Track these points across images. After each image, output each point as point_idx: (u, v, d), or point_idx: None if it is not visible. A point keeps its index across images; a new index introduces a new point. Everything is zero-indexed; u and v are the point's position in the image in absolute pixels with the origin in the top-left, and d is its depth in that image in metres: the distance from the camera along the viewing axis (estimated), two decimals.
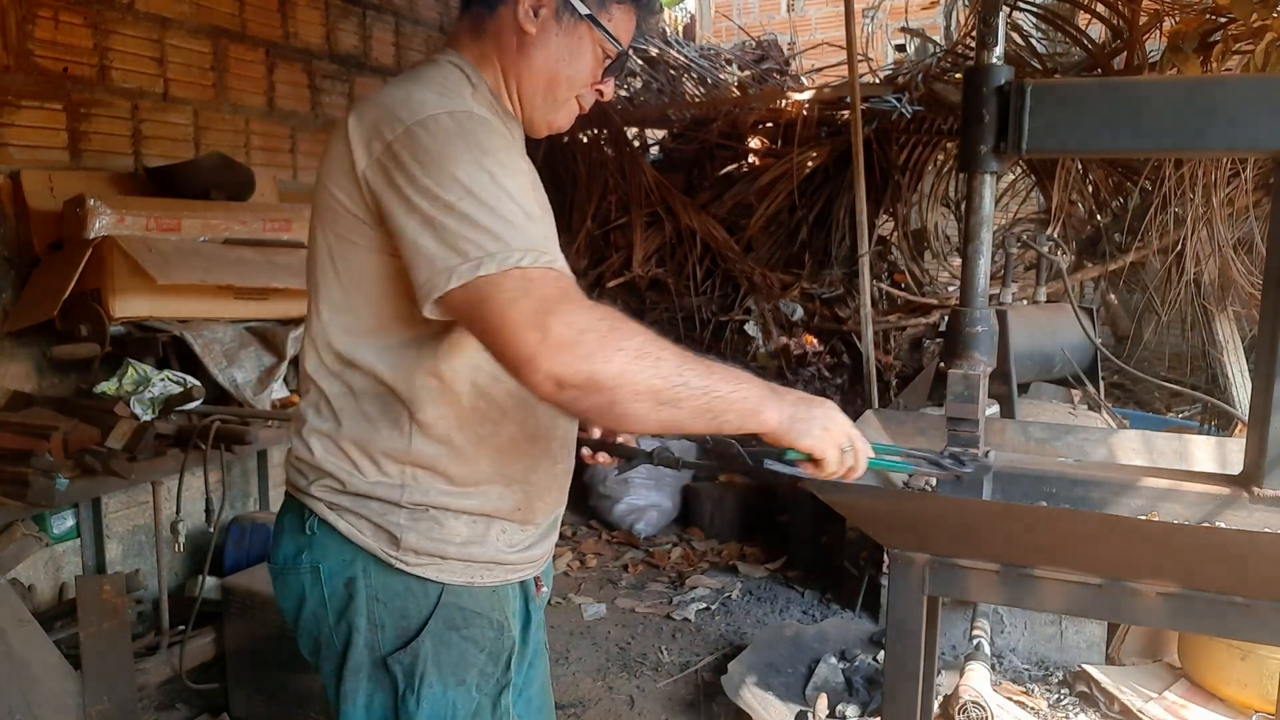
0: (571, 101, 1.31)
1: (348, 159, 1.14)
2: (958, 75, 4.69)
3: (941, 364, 1.49)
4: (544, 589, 1.46)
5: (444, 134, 1.10)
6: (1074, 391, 3.63)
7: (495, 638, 1.30)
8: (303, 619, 1.30)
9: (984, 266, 1.39)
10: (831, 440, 1.17)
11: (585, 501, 4.72)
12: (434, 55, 1.29)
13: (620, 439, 1.41)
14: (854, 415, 1.34)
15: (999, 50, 1.34)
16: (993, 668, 2.88)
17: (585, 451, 1.41)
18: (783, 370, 4.91)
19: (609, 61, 1.29)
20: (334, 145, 1.18)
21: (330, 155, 1.18)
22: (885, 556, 3.03)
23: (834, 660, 3.06)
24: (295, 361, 3.05)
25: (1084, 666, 2.95)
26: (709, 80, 5.92)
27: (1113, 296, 4.88)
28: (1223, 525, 1.42)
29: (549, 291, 1.03)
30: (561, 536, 4.52)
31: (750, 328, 5.05)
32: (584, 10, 1.24)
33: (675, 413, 1.07)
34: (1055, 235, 4.07)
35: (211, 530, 2.86)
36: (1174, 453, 1.65)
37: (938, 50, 5.41)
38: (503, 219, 1.05)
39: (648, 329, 1.09)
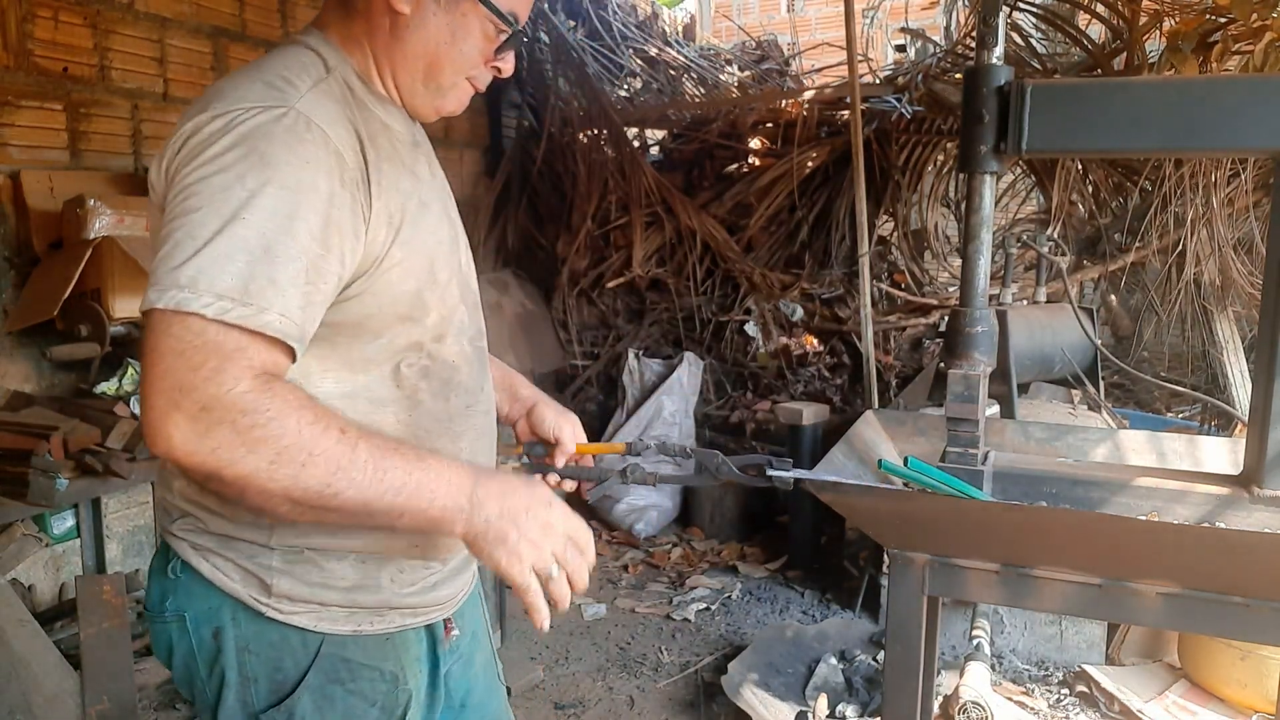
0: (461, 84, 1.17)
1: (165, 154, 1.04)
2: (958, 75, 4.69)
3: (941, 364, 1.49)
4: (454, 631, 1.30)
5: (238, 134, 0.97)
6: (1074, 391, 3.63)
7: (388, 690, 1.16)
8: (175, 669, 1.17)
9: (984, 266, 1.39)
10: (529, 560, 1.01)
11: (585, 501, 4.71)
12: (294, 36, 1.16)
13: (583, 461, 1.39)
14: (854, 415, 1.32)
15: (999, 50, 1.34)
16: (993, 668, 2.88)
17: (551, 478, 1.37)
18: (783, 370, 4.91)
19: (503, 37, 1.14)
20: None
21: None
22: (885, 556, 3.03)
23: (834, 660, 3.06)
24: None
25: (1084, 666, 2.95)
26: (709, 80, 5.91)
27: (1113, 297, 4.88)
28: (1223, 525, 1.42)
29: (208, 358, 0.90)
30: None
31: (750, 328, 5.05)
32: None
33: (327, 515, 0.96)
34: (1055, 235, 4.07)
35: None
36: (1174, 453, 1.65)
37: (938, 50, 5.40)
38: (222, 250, 0.91)
39: (319, 414, 0.94)
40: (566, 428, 1.41)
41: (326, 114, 1.04)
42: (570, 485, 1.37)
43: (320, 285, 0.98)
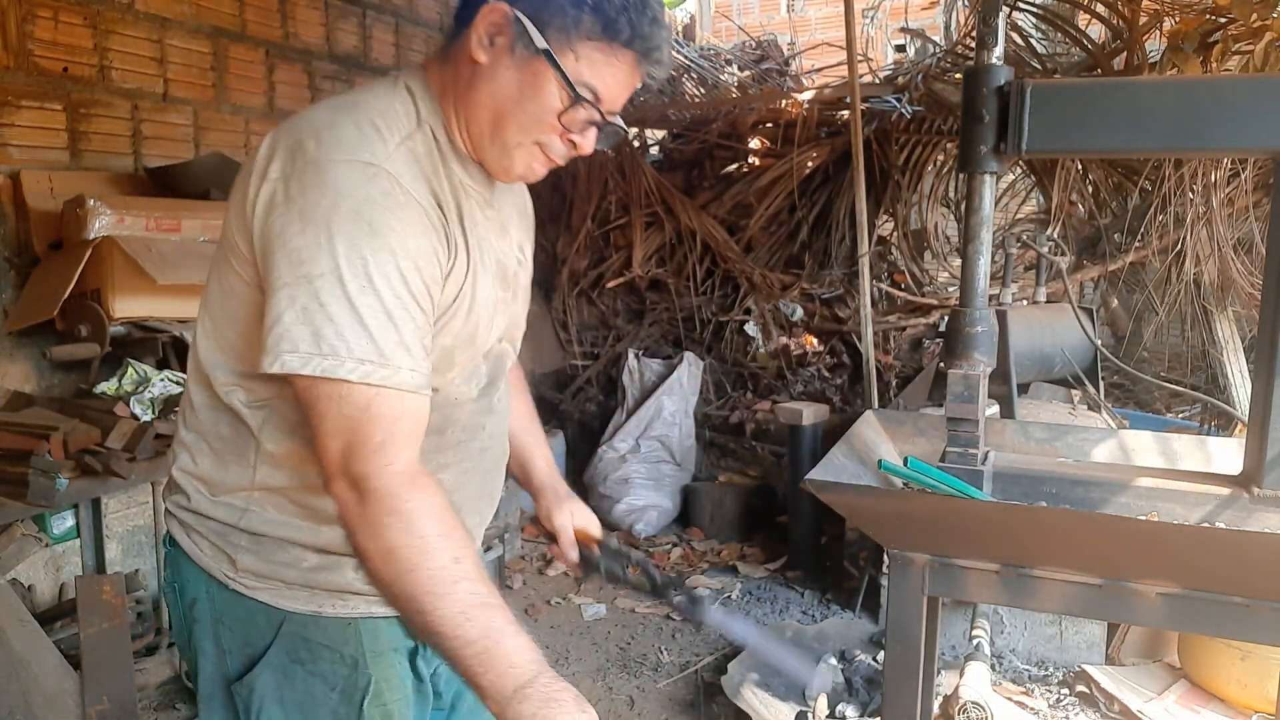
0: (529, 148, 1.13)
1: (248, 181, 1.07)
2: (958, 75, 4.69)
3: (941, 364, 1.49)
4: None
5: (337, 191, 1.00)
6: (1074, 391, 3.63)
7: (348, 675, 1.18)
8: (176, 636, 1.27)
9: (984, 266, 1.39)
10: None
11: (585, 502, 4.71)
12: (399, 72, 1.17)
13: (584, 551, 1.43)
14: (854, 415, 1.33)
15: (999, 50, 1.34)
16: (993, 668, 2.88)
17: (554, 547, 1.45)
18: (783, 370, 4.91)
19: (580, 111, 1.10)
20: (248, 161, 1.10)
21: (242, 170, 1.10)
22: (885, 556, 3.03)
23: (834, 660, 3.06)
24: None
25: (1084, 666, 2.95)
26: (709, 80, 5.92)
27: (1113, 297, 4.88)
28: (1223, 525, 1.42)
29: (380, 434, 1.00)
30: None
31: (750, 328, 5.05)
32: (540, 44, 1.06)
33: (404, 614, 1.03)
34: (1055, 235, 4.07)
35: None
36: (1174, 453, 1.65)
37: (938, 50, 5.41)
38: (355, 319, 0.99)
39: (446, 531, 1.01)
40: (560, 520, 1.46)
41: (410, 174, 1.07)
42: (573, 559, 1.43)
43: (428, 334, 1.07)
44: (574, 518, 1.46)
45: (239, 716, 1.18)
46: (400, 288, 1.01)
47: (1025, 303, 4.08)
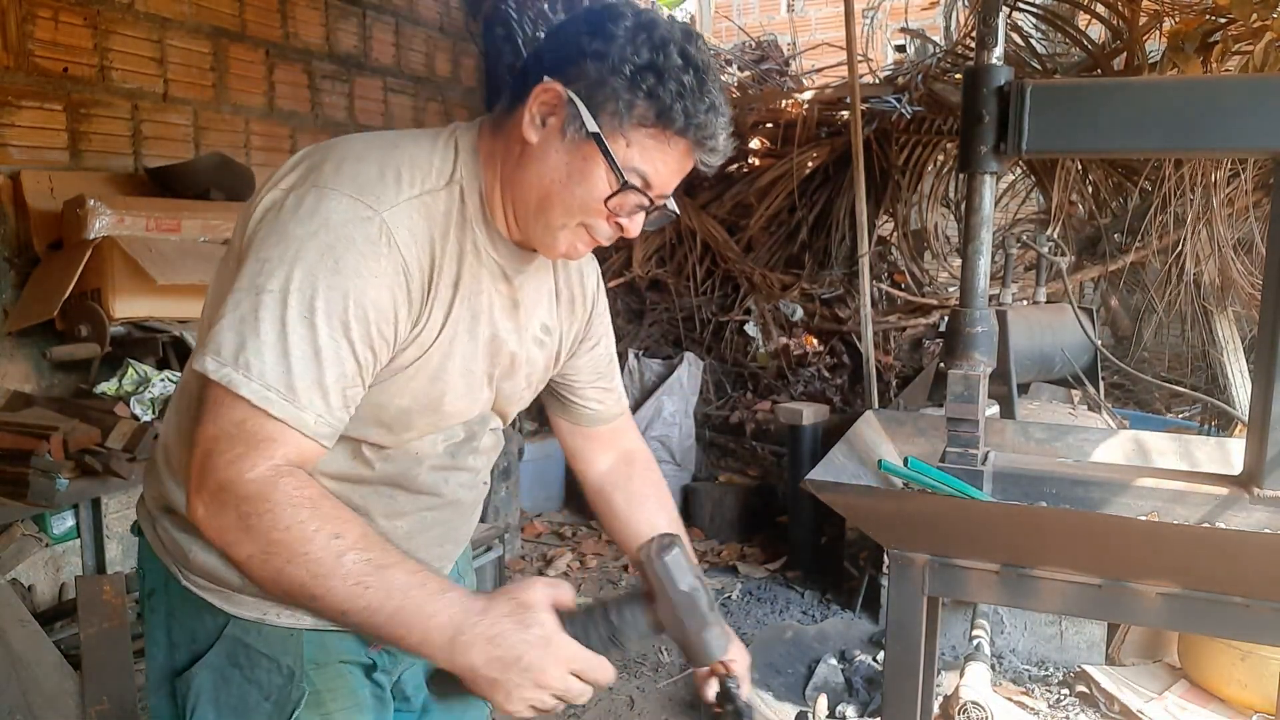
0: (573, 228, 1.11)
1: (265, 183, 1.07)
2: (958, 75, 4.69)
3: (941, 364, 1.49)
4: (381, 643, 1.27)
5: (323, 220, 1.00)
6: (1074, 392, 3.63)
7: (282, 685, 1.16)
8: (142, 625, 1.28)
9: (984, 266, 1.39)
10: (525, 703, 0.96)
11: (585, 502, 4.72)
12: (456, 126, 1.16)
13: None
14: (854, 415, 1.32)
15: (999, 50, 1.34)
16: (993, 668, 2.88)
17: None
18: (783, 370, 4.91)
19: (629, 196, 1.08)
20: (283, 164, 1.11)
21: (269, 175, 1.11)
22: (885, 556, 3.04)
23: (834, 660, 3.07)
24: None
25: (1084, 667, 2.95)
26: None
27: (1113, 297, 4.88)
28: (1223, 525, 1.42)
29: (236, 445, 0.95)
30: (561, 537, 4.52)
31: (750, 328, 5.05)
32: (592, 127, 1.04)
33: (310, 611, 0.98)
34: (1055, 235, 4.07)
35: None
36: (1174, 453, 1.65)
37: (938, 50, 5.41)
38: (279, 344, 0.96)
39: (319, 514, 0.95)
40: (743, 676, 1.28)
41: (410, 229, 1.05)
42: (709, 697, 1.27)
43: (359, 387, 1.03)
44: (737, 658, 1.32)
45: (179, 709, 1.19)
46: (339, 332, 0.99)
47: (1025, 303, 4.08)
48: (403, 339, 1.07)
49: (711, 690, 1.25)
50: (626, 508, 1.45)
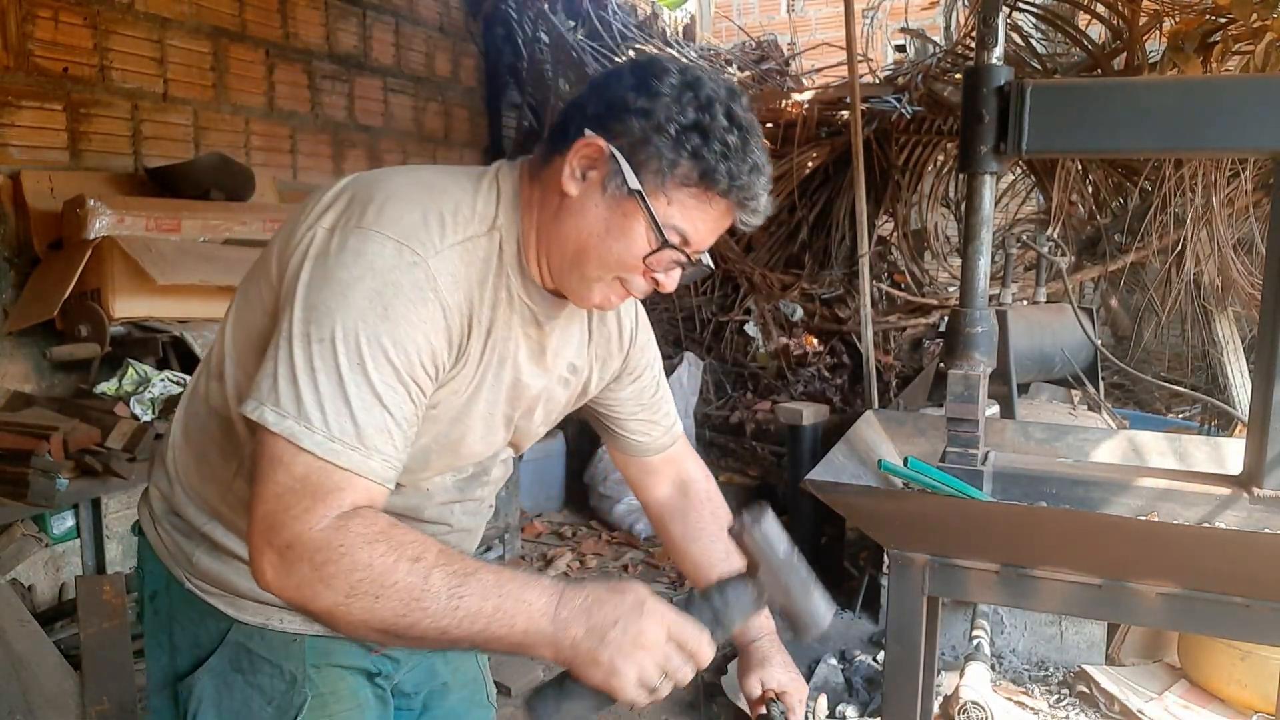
0: (609, 282, 1.11)
1: (304, 217, 1.06)
2: (958, 75, 4.69)
3: (941, 364, 1.49)
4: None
5: (369, 265, 0.98)
6: (1074, 391, 3.63)
7: (285, 690, 1.16)
8: (142, 625, 1.27)
9: (984, 266, 1.39)
10: (630, 678, 0.93)
11: (585, 502, 4.72)
12: (501, 165, 1.15)
13: None
14: (854, 415, 1.31)
15: (999, 50, 1.34)
16: (993, 668, 2.88)
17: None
18: (783, 370, 4.91)
19: (669, 253, 1.07)
20: (313, 196, 1.10)
21: (304, 204, 1.10)
22: (885, 556, 3.04)
23: (834, 660, 3.07)
24: None
25: (1084, 666, 2.95)
26: None
27: (1113, 297, 4.88)
28: (1223, 525, 1.42)
29: (302, 499, 0.93)
30: (561, 537, 4.52)
31: (750, 328, 5.05)
32: (634, 184, 1.04)
33: (411, 640, 0.95)
34: (1055, 235, 4.07)
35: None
36: (1174, 453, 1.65)
37: (938, 50, 5.41)
38: (339, 394, 0.95)
39: (394, 545, 0.93)
40: (749, 687, 1.36)
41: (452, 275, 1.04)
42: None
43: (411, 430, 1.03)
44: (764, 684, 1.36)
45: (181, 713, 1.19)
46: (391, 377, 0.98)
47: (1025, 303, 4.08)
48: (443, 374, 1.07)
49: (759, 713, 1.27)
50: (683, 541, 1.46)
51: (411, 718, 1.37)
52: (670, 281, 1.12)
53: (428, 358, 1.02)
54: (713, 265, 1.18)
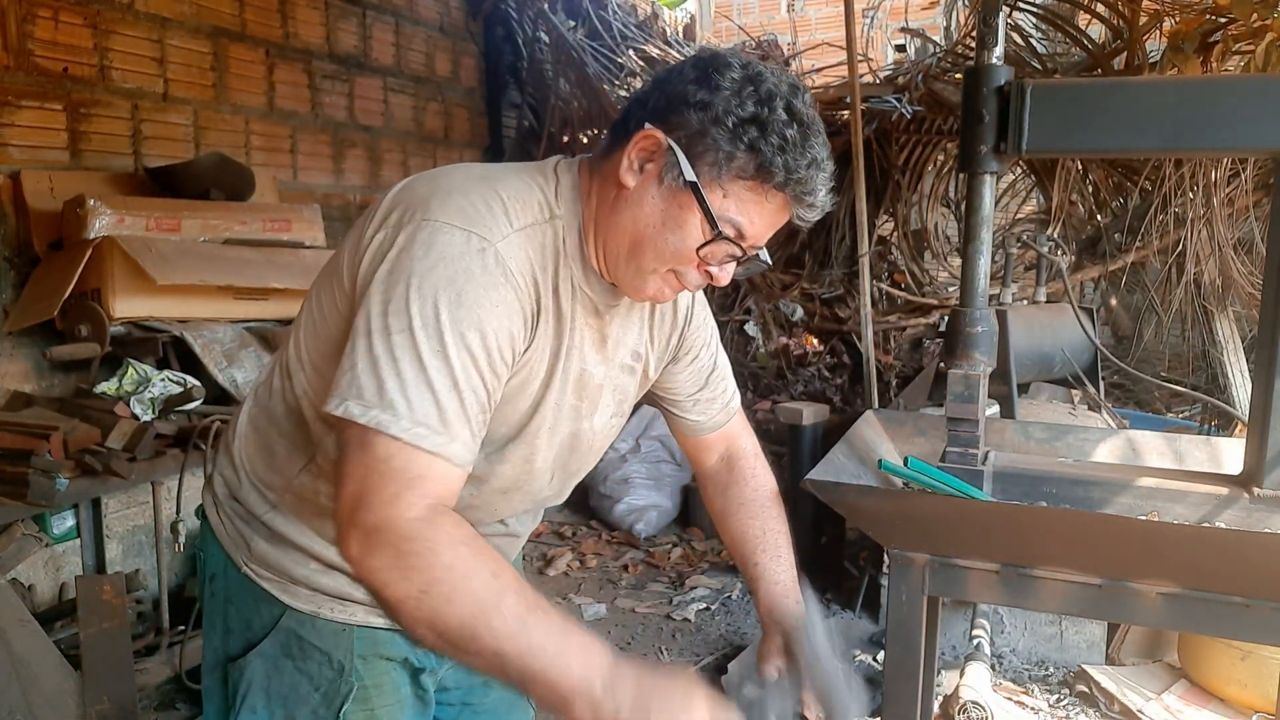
0: (664, 275, 1.12)
1: (369, 221, 1.08)
2: (958, 75, 4.69)
3: (941, 364, 1.49)
4: None
5: (440, 254, 1.00)
6: (1074, 391, 3.63)
7: (333, 679, 1.19)
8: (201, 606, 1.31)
9: (984, 266, 1.39)
10: None
11: (585, 501, 4.72)
12: (557, 160, 1.17)
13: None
14: (854, 415, 1.31)
15: (999, 50, 1.34)
16: (993, 668, 2.88)
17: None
18: (783, 370, 4.91)
19: (722, 246, 1.08)
20: (374, 202, 1.12)
21: (368, 211, 1.12)
22: (885, 556, 3.03)
23: None
24: None
25: (1084, 666, 2.95)
26: None
27: (1113, 297, 4.88)
28: (1223, 525, 1.42)
29: (391, 483, 0.95)
30: (561, 537, 4.52)
31: (750, 328, 5.05)
32: (690, 176, 1.05)
33: (466, 656, 0.97)
34: (1055, 235, 4.07)
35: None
36: (1174, 453, 1.65)
37: (938, 50, 5.40)
38: (422, 380, 0.97)
39: (477, 552, 0.96)
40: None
41: (520, 260, 1.06)
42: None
43: (488, 415, 1.05)
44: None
45: (225, 698, 1.22)
46: (468, 362, 1.00)
47: (1025, 303, 4.08)
48: (512, 368, 1.08)
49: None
50: (723, 514, 1.48)
51: (452, 714, 1.38)
52: (724, 275, 1.12)
53: (505, 341, 1.04)
54: (769, 261, 1.18)
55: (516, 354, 1.07)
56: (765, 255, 1.16)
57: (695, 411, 1.43)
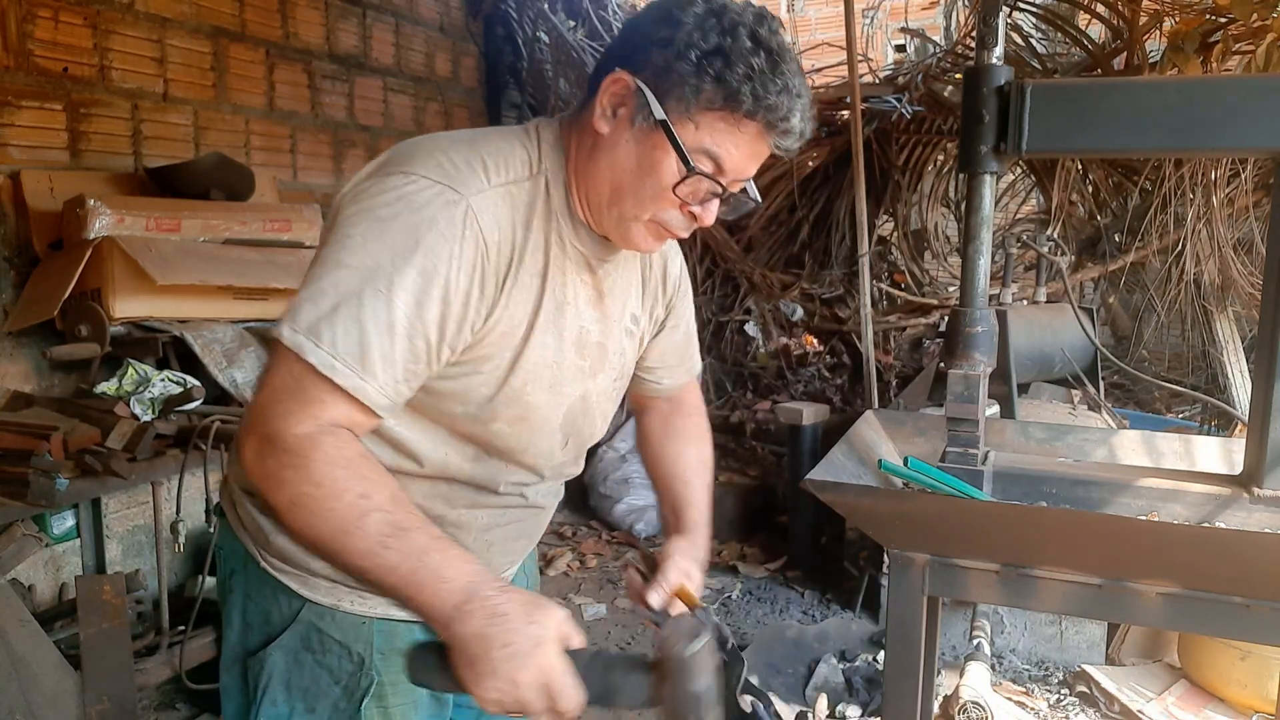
0: (647, 222, 1.11)
1: (356, 176, 1.11)
2: (958, 75, 4.69)
3: (941, 364, 1.49)
4: None
5: (408, 203, 1.01)
6: (1074, 391, 3.63)
7: (353, 672, 1.19)
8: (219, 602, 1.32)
9: (984, 266, 1.39)
10: (492, 694, 0.93)
11: (585, 501, 4.72)
12: (538, 121, 1.17)
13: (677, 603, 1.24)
14: (854, 415, 1.31)
15: (999, 50, 1.34)
16: (993, 668, 2.88)
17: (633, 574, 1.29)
18: (783, 370, 4.91)
19: (682, 179, 1.06)
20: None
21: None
22: (885, 556, 3.04)
23: (834, 660, 3.06)
24: None
25: (1084, 666, 2.95)
26: None
27: (1113, 297, 4.88)
28: (1223, 525, 1.42)
29: (291, 401, 0.98)
30: (561, 537, 4.52)
31: (750, 328, 5.05)
32: (659, 114, 1.03)
33: (340, 567, 1.01)
34: (1055, 235, 4.07)
35: (211, 530, 2.86)
36: (1174, 453, 1.65)
37: (938, 50, 5.40)
38: (355, 316, 0.98)
39: (352, 474, 0.97)
40: (675, 570, 1.27)
41: (494, 215, 1.06)
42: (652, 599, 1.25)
43: (424, 365, 1.04)
44: (689, 576, 1.29)
45: (245, 693, 1.22)
46: (411, 309, 1.00)
47: (1025, 303, 4.08)
48: (477, 325, 1.07)
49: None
50: (661, 436, 1.46)
51: (472, 716, 1.38)
52: (708, 214, 1.11)
53: (457, 295, 1.03)
54: (759, 199, 1.17)
55: (473, 309, 1.06)
56: (754, 192, 1.15)
57: (663, 377, 1.44)
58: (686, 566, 1.28)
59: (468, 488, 1.19)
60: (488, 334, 1.09)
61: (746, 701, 1.25)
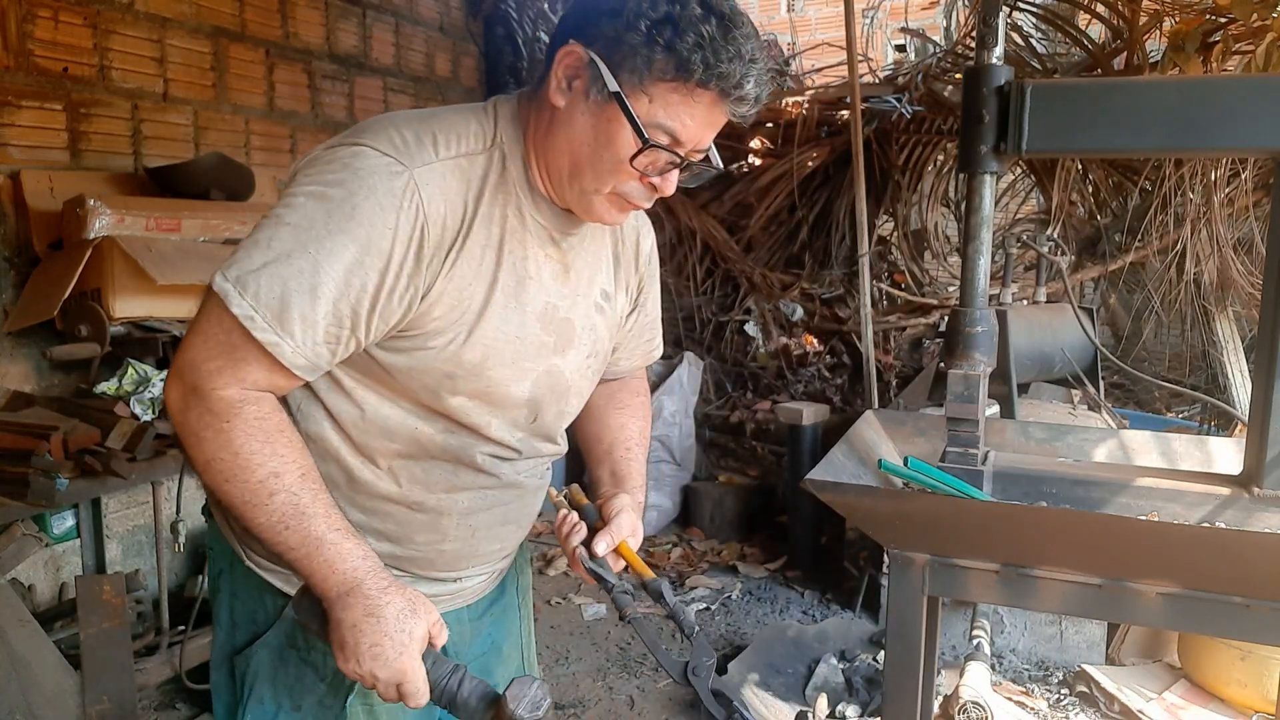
0: (608, 195, 1.11)
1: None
2: (958, 75, 4.69)
3: (941, 364, 1.49)
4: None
5: (352, 170, 1.02)
6: (1074, 391, 3.63)
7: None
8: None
9: (984, 266, 1.39)
10: (350, 671, 1.04)
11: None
12: (497, 98, 1.17)
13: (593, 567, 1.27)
14: (854, 415, 1.30)
15: (999, 50, 1.34)
16: (993, 668, 2.88)
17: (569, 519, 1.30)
18: (783, 370, 4.91)
19: (639, 151, 1.06)
20: None
21: None
22: (885, 556, 3.03)
23: (834, 660, 3.07)
24: None
25: (1084, 666, 2.95)
26: None
27: (1113, 297, 4.88)
28: (1223, 525, 1.42)
29: (220, 356, 1.01)
30: None
31: (750, 328, 5.05)
32: (612, 86, 1.03)
33: (248, 528, 1.06)
34: (1055, 235, 4.06)
35: None
36: (1174, 453, 1.65)
37: (938, 50, 5.40)
38: (280, 274, 0.99)
39: (268, 446, 1.02)
40: (625, 524, 1.29)
41: (440, 187, 1.06)
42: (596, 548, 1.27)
43: (348, 331, 1.05)
44: (631, 533, 1.30)
45: (232, 691, 1.24)
46: (339, 275, 1.01)
47: (1025, 303, 4.07)
48: (415, 297, 1.07)
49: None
50: (605, 406, 1.45)
51: None
52: (668, 185, 1.12)
53: (390, 264, 1.03)
54: (720, 165, 1.16)
55: (409, 280, 1.05)
56: (716, 158, 1.14)
57: (621, 358, 1.42)
58: (634, 524, 1.29)
59: (444, 464, 1.18)
60: (432, 306, 1.08)
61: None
